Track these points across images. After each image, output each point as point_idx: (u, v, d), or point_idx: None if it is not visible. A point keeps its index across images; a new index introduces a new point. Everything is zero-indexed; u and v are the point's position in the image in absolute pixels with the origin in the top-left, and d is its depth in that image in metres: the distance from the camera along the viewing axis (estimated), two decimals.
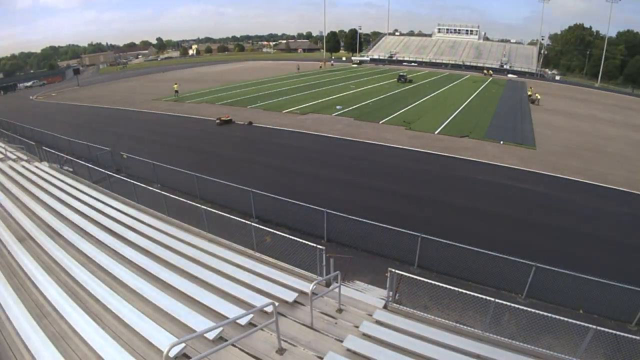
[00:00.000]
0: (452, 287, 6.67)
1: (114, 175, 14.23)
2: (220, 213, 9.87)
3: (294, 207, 11.69)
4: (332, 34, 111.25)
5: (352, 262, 9.82)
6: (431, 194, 15.35)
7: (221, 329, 5.34)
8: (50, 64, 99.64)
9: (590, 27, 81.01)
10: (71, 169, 16.31)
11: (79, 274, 7.06)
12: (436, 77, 57.92)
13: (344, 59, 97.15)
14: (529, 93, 39.35)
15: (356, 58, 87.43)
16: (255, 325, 5.56)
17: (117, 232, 9.33)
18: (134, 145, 20.96)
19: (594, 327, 5.59)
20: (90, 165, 15.12)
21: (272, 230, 9.10)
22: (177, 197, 11.16)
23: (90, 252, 8.08)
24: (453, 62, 79.84)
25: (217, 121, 26.81)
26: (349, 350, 5.49)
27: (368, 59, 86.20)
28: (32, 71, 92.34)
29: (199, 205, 10.36)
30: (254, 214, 12.74)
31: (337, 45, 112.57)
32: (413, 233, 9.78)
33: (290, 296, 6.77)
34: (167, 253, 8.22)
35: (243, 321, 5.70)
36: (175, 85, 40.55)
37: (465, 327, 6.60)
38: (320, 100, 35.34)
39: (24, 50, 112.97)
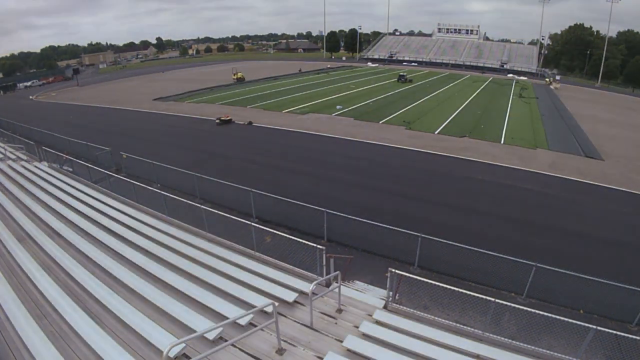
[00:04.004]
0: (452, 287, 6.66)
1: (114, 175, 14.20)
2: (220, 213, 9.85)
3: (294, 207, 11.67)
4: (332, 34, 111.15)
5: (352, 262, 9.81)
6: (431, 194, 15.34)
7: (221, 329, 5.33)
8: (50, 63, 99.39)
9: (591, 27, 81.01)
10: (71, 169, 16.27)
11: (78, 274, 7.05)
12: (436, 77, 57.96)
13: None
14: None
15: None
16: (255, 325, 5.56)
17: (117, 232, 9.31)
18: (133, 145, 20.91)
19: (595, 327, 5.57)
20: (90, 165, 15.09)
21: (272, 231, 9.07)
22: (177, 197, 11.13)
23: (90, 252, 8.07)
24: (453, 62, 79.81)
25: (217, 121, 26.80)
26: (349, 350, 5.48)
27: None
28: (31, 71, 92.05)
29: (199, 205, 10.35)
30: (254, 214, 12.72)
31: (337, 45, 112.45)
32: (413, 233, 9.77)
33: (290, 296, 6.76)
34: (167, 253, 8.21)
35: (243, 321, 5.69)
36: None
37: (465, 327, 6.59)
38: (320, 100, 35.33)
39: (23, 50, 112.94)
